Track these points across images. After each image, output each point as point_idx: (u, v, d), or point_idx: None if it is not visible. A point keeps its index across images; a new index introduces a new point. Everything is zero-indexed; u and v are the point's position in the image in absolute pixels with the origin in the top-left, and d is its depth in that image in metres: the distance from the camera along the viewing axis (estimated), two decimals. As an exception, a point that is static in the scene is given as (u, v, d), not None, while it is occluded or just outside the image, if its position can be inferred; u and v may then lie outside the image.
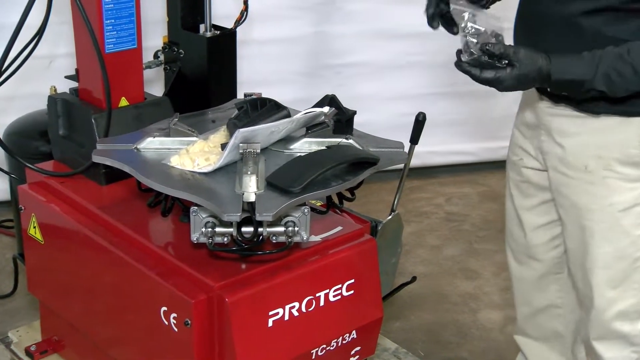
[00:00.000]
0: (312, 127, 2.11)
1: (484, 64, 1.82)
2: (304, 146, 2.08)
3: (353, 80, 3.95)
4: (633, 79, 1.79)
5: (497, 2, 2.08)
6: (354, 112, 2.16)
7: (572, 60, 1.82)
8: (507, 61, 1.82)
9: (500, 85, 1.83)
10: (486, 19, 1.85)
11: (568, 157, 2.05)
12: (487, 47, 1.81)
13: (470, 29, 1.83)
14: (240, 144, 1.93)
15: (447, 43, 2.01)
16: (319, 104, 2.17)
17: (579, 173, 2.03)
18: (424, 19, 1.98)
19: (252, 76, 3.48)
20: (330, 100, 2.17)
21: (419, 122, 2.33)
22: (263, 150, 2.01)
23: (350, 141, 2.10)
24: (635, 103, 1.90)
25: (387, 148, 2.09)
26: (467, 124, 4.20)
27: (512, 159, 2.28)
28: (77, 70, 2.42)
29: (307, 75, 3.91)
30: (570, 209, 2.08)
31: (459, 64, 1.84)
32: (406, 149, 2.15)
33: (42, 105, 2.47)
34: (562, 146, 2.06)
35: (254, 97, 2.21)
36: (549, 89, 1.87)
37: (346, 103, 2.18)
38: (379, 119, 3.80)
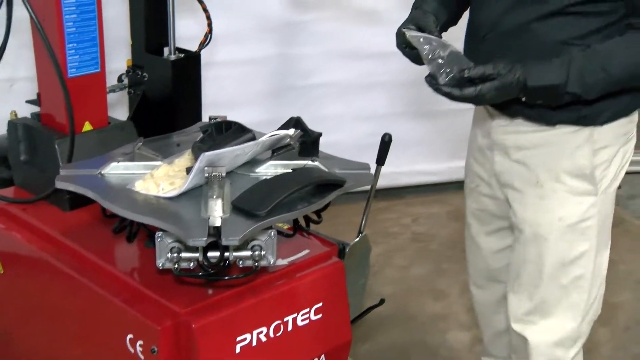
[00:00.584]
0: (277, 150, 2.12)
1: (462, 82, 1.83)
2: (270, 169, 2.08)
3: (319, 101, 3.96)
4: (604, 79, 1.80)
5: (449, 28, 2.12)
6: (320, 134, 2.16)
7: (544, 66, 1.83)
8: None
9: (483, 99, 1.84)
10: (442, 42, 1.88)
11: (522, 171, 2.05)
12: (467, 74, 1.82)
13: (437, 53, 1.83)
14: (206, 168, 1.92)
15: (410, 62, 2.03)
16: (285, 126, 2.17)
17: (531, 187, 2.04)
18: (387, 39, 2.01)
19: (217, 98, 3.46)
20: (295, 122, 2.17)
21: (385, 142, 2.34)
22: (228, 173, 2.00)
23: (316, 163, 2.11)
24: (589, 109, 1.92)
25: (354, 170, 2.10)
26: (433, 143, 4.23)
27: (470, 186, 2.29)
28: (38, 94, 2.40)
29: (272, 96, 3.91)
30: (524, 226, 2.08)
31: (437, 88, 1.84)
32: (372, 170, 2.16)
33: (1, 130, 2.45)
34: (518, 161, 2.07)
35: (218, 120, 2.20)
36: (523, 98, 1.87)
37: (312, 124, 2.18)
38: (345, 140, 3.81)
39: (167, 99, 2.51)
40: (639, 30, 1.83)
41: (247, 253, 1.83)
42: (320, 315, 2.03)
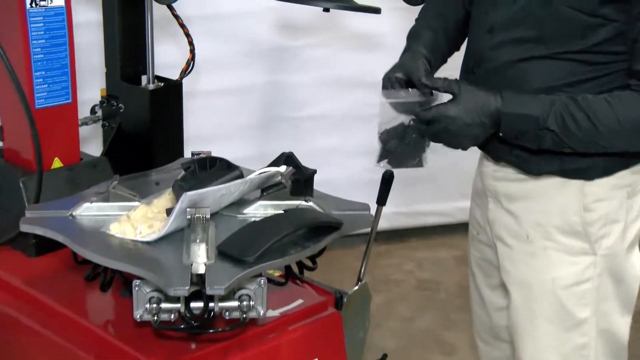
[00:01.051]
0: (267, 189, 2.11)
1: (423, 104, 1.90)
2: (259, 210, 2.08)
3: (312, 134, 3.98)
4: (587, 129, 1.81)
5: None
6: (314, 171, 2.17)
7: (525, 96, 1.87)
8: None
9: (449, 121, 1.85)
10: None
11: (512, 224, 2.06)
12: (427, 84, 1.91)
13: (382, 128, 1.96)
14: (188, 209, 1.92)
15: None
16: (275, 163, 2.18)
17: (521, 243, 2.04)
18: (385, 66, 2.03)
19: (201, 132, 3.49)
20: (287, 158, 2.18)
21: (386, 180, 2.35)
22: (213, 215, 2.01)
23: (310, 203, 2.11)
24: (576, 161, 1.92)
25: (352, 210, 2.10)
26: (439, 180, 4.23)
27: (472, 233, 2.30)
28: (1, 127, 2.39)
29: (261, 129, 3.94)
30: (513, 287, 2.08)
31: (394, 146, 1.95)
32: (372, 211, 2.17)
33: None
34: (509, 212, 2.08)
35: (202, 156, 2.21)
36: (500, 133, 1.90)
37: (305, 160, 2.19)
38: (342, 177, 3.84)
39: (145, 133, 2.52)
40: (637, 92, 1.83)
41: (234, 303, 1.82)
42: (315, 373, 2.02)
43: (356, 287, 2.32)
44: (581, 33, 1.85)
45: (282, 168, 2.15)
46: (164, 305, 1.81)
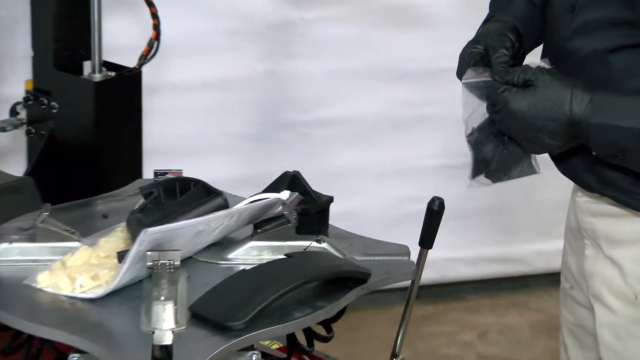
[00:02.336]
0: (263, 224, 2.10)
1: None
2: (251, 254, 2.08)
3: (327, 147, 4.00)
4: None
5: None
6: (330, 199, 2.17)
7: (625, 100, 1.90)
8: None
9: (510, 114, 1.93)
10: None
11: (616, 279, 2.07)
12: (505, 74, 1.96)
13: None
14: (149, 252, 1.90)
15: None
16: (274, 187, 2.17)
17: (628, 306, 2.05)
18: (437, 50, 2.06)
19: (168, 142, 3.51)
20: (291, 180, 2.18)
21: (434, 212, 2.30)
22: (185, 261, 2.00)
23: (324, 245, 2.10)
24: None
25: (384, 256, 2.11)
26: (507, 213, 4.24)
27: (564, 286, 2.32)
28: None
29: (254, 139, 3.95)
30: None
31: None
32: (414, 257, 2.16)
33: None
34: (612, 262, 2.09)
35: (169, 176, 2.21)
36: (588, 143, 1.93)
37: (317, 183, 2.19)
38: (369, 207, 3.84)
39: (88, 143, 2.54)
40: None
41: (215, 389, 1.81)
42: None
43: (390, 367, 2.30)
44: None
45: (285, 194, 2.14)
46: (113, 390, 1.80)
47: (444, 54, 2.11)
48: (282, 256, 2.05)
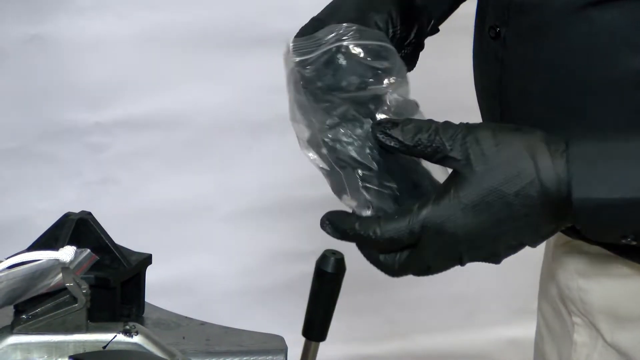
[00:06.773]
0: (30, 305, 1.72)
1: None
2: (12, 358, 1.71)
3: (138, 167, 3.44)
4: None
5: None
6: (147, 259, 1.88)
7: (616, 139, 1.58)
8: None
9: (436, 233, 1.51)
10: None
11: None
12: (419, 139, 1.55)
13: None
14: None
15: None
16: (47, 241, 1.84)
17: None
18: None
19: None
20: (77, 226, 1.87)
21: (327, 278, 1.80)
22: None
23: (137, 339, 1.71)
24: None
25: (243, 356, 1.80)
26: (453, 284, 3.81)
27: None
28: None
29: (6, 156, 3.38)
30: None
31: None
32: (296, 353, 1.74)
33: None
34: (620, 353, 1.85)
35: None
36: (576, 225, 1.58)
37: (123, 232, 1.92)
38: (219, 270, 3.36)
39: None
40: None
41: None
42: None
43: None
44: None
45: (67, 253, 1.74)
46: None
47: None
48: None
